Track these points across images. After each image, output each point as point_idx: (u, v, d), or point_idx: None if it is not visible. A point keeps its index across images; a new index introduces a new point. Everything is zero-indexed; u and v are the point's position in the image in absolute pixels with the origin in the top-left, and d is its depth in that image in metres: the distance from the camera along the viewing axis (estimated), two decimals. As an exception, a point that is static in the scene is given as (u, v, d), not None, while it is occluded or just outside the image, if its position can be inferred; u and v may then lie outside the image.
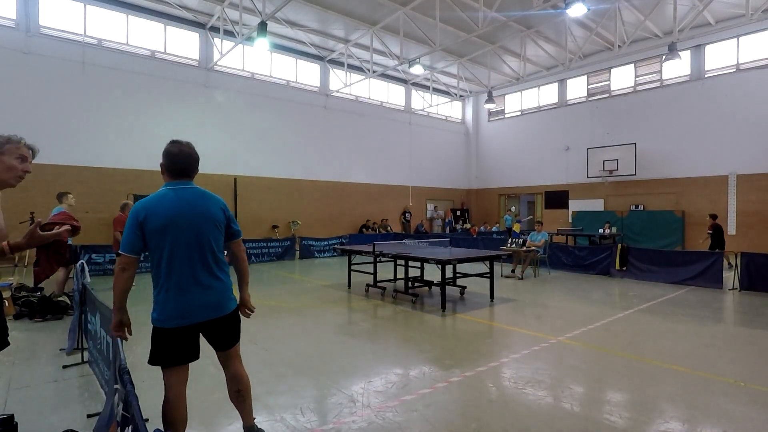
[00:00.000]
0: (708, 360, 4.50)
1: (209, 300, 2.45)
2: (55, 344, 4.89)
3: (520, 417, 3.21)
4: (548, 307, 7.15)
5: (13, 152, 2.13)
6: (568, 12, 10.97)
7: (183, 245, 2.36)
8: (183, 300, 2.37)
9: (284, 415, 3.22)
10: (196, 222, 2.43)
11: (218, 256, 2.51)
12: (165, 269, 2.36)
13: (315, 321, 6.14)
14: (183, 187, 2.52)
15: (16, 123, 11.63)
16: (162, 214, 2.35)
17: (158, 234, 2.33)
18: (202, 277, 2.42)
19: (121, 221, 8.55)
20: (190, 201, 2.46)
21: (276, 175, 16.68)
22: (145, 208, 2.35)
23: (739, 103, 15.04)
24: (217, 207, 2.56)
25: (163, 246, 2.34)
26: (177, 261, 2.35)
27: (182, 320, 2.39)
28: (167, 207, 2.38)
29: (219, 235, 2.53)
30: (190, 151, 2.65)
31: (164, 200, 2.41)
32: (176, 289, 2.36)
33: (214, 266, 2.48)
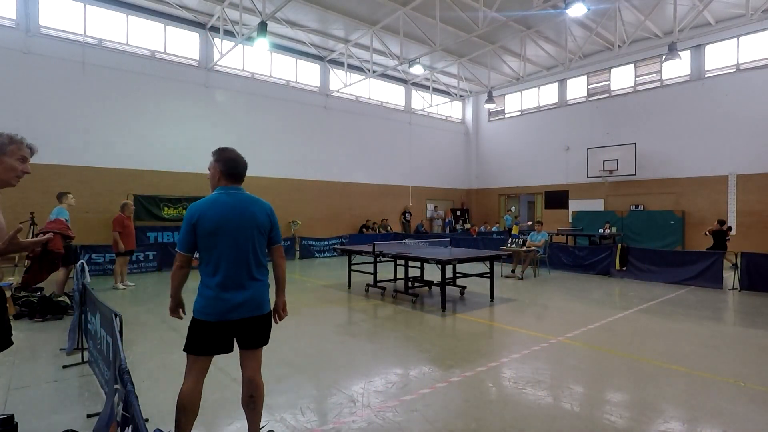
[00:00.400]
0: (708, 360, 4.50)
1: (246, 299, 2.58)
2: (55, 344, 4.89)
3: (520, 417, 3.21)
4: (548, 307, 7.15)
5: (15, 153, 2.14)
6: (568, 12, 10.97)
7: (230, 248, 2.53)
8: (224, 299, 2.52)
9: (284, 415, 3.22)
10: (243, 226, 2.58)
11: (260, 259, 2.68)
12: (212, 268, 2.52)
13: (315, 321, 6.14)
14: (235, 192, 2.68)
15: (16, 123, 11.63)
16: (213, 218, 2.53)
17: (209, 236, 2.51)
18: (243, 279, 2.57)
19: (119, 221, 8.50)
20: (239, 206, 2.61)
21: (276, 175, 16.67)
22: (199, 210, 2.57)
23: (739, 103, 15.04)
24: (263, 212, 2.70)
25: (212, 247, 2.51)
26: (224, 262, 2.52)
27: (220, 317, 2.52)
28: (218, 211, 2.56)
29: (263, 239, 2.69)
30: (241, 158, 2.83)
31: (216, 204, 2.59)
32: (220, 288, 2.51)
33: (255, 268, 2.63)
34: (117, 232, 8.41)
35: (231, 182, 2.70)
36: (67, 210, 7.21)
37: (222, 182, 2.70)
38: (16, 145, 2.14)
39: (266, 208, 2.74)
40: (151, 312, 6.59)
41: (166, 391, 3.66)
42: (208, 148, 12.54)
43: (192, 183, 14.59)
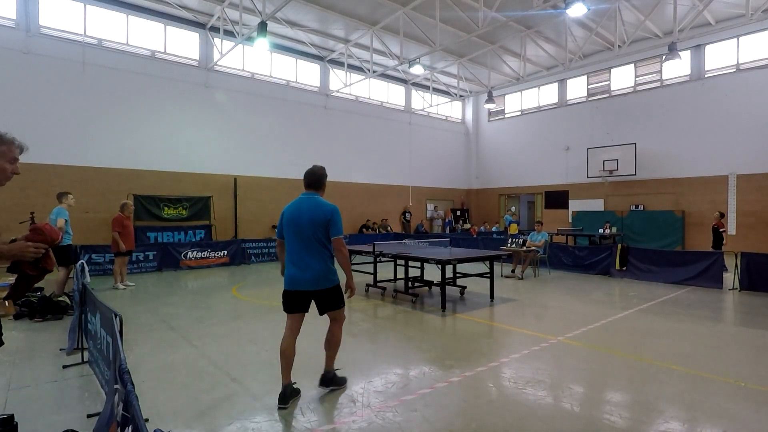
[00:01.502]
0: (708, 360, 4.50)
1: (307, 277, 3.43)
2: (55, 344, 4.89)
3: (520, 417, 3.21)
4: (548, 307, 7.15)
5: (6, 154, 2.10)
6: (568, 12, 10.97)
7: (294, 236, 3.46)
8: (291, 275, 3.48)
9: (284, 414, 3.22)
10: (302, 222, 3.44)
11: (321, 247, 3.45)
12: (288, 252, 3.50)
13: (315, 321, 6.13)
14: (306, 196, 3.58)
15: (16, 123, 11.63)
16: (287, 214, 3.55)
17: (284, 226, 3.55)
18: (304, 261, 3.42)
19: (119, 221, 8.49)
20: (304, 207, 3.50)
21: (276, 175, 16.67)
22: (286, 208, 3.60)
23: (739, 103, 15.04)
24: (322, 213, 3.46)
25: (287, 235, 3.52)
26: (290, 245, 3.50)
27: (290, 286, 3.49)
28: (291, 209, 3.55)
29: (321, 232, 3.44)
30: (316, 170, 3.71)
31: (292, 205, 3.58)
32: (290, 266, 3.50)
33: (316, 253, 3.43)
34: (116, 232, 8.41)
35: (306, 189, 3.64)
36: (67, 210, 7.22)
37: (304, 189, 3.64)
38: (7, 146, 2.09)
39: (325, 209, 3.48)
40: (151, 312, 6.59)
41: (167, 391, 3.66)
42: (208, 148, 12.77)
43: (192, 183, 14.59)
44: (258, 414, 3.24)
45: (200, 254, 11.79)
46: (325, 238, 3.45)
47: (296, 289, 3.45)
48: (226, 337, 5.25)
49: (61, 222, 6.94)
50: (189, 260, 11.54)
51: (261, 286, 9.10)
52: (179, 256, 11.44)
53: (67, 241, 7.15)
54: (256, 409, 3.33)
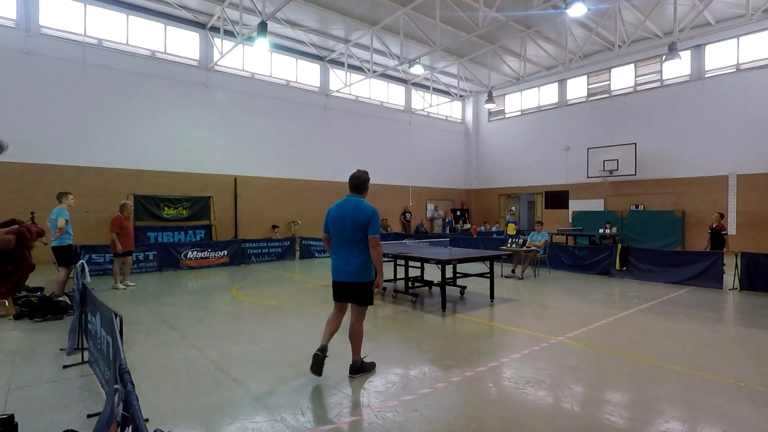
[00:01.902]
0: (708, 360, 4.50)
1: (346, 270, 3.92)
2: (55, 344, 4.89)
3: (520, 417, 3.21)
4: (548, 307, 7.15)
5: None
6: (568, 12, 10.97)
7: (337, 234, 3.96)
8: (335, 266, 4.00)
9: (284, 415, 3.22)
10: (345, 221, 3.91)
11: (360, 244, 3.89)
12: (333, 245, 4.03)
13: (315, 321, 6.14)
14: (348, 198, 4.02)
15: (16, 123, 11.65)
16: (332, 213, 4.03)
17: (330, 224, 4.02)
18: (345, 254, 3.92)
19: (117, 222, 8.39)
20: (346, 208, 3.95)
21: (276, 175, 16.68)
22: (331, 208, 4.07)
23: (739, 103, 15.04)
24: (362, 214, 3.88)
25: (331, 231, 4.01)
26: (334, 241, 4.00)
27: (336, 277, 4.00)
28: (335, 210, 4.02)
29: (359, 231, 3.86)
30: (359, 175, 4.08)
31: (337, 205, 4.04)
32: (333, 257, 4.02)
33: (355, 250, 3.90)
34: (114, 233, 8.30)
35: (350, 192, 4.07)
36: (67, 210, 7.22)
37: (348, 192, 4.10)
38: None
39: (366, 211, 3.90)
40: (152, 312, 6.59)
41: (167, 391, 3.66)
42: (208, 148, 12.75)
43: (192, 183, 14.59)
44: (258, 414, 3.24)
45: (200, 254, 11.79)
46: (364, 236, 3.87)
47: (340, 280, 3.97)
48: (227, 337, 5.25)
49: (62, 222, 6.94)
50: (189, 260, 11.54)
51: (261, 286, 9.10)
52: (179, 256, 11.44)
53: (67, 241, 7.15)
54: (256, 409, 3.33)
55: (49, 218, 7.19)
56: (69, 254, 7.20)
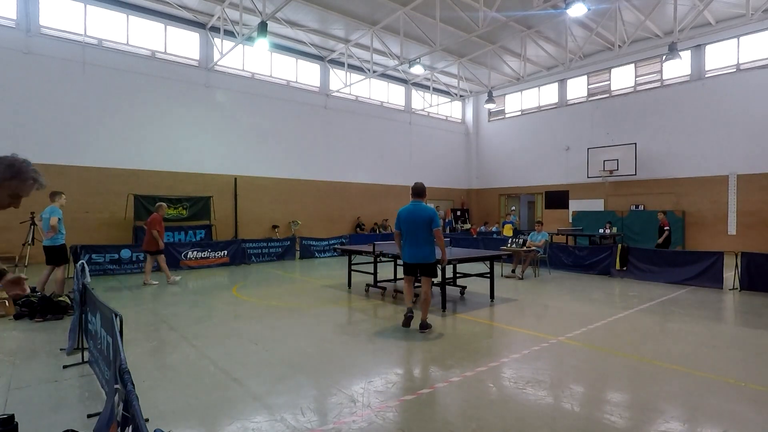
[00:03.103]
0: (708, 360, 4.50)
1: (419, 254, 5.52)
2: (55, 344, 4.89)
3: (520, 417, 3.21)
4: (548, 307, 7.15)
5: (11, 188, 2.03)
6: (569, 12, 10.98)
7: (410, 229, 5.51)
8: (410, 251, 5.56)
9: (284, 415, 3.22)
10: (416, 220, 5.47)
11: (427, 235, 5.48)
12: (404, 238, 5.59)
13: (315, 321, 6.14)
14: (414, 202, 5.58)
15: (16, 123, 11.65)
16: (404, 214, 5.57)
17: (402, 222, 5.57)
18: (417, 244, 5.50)
19: (157, 221, 9.18)
20: (414, 210, 5.51)
21: (276, 175, 16.68)
22: (401, 210, 5.63)
23: (739, 103, 15.04)
24: (425, 214, 5.47)
25: (404, 228, 5.57)
26: (407, 235, 5.55)
27: (410, 259, 5.60)
28: (406, 211, 5.57)
29: (426, 226, 5.45)
30: (420, 186, 5.63)
31: (407, 208, 5.60)
32: (407, 246, 5.58)
33: (422, 240, 5.49)
34: (155, 230, 9.09)
35: (414, 198, 5.61)
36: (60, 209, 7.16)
37: (411, 198, 5.64)
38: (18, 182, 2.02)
39: (429, 212, 5.49)
40: (152, 312, 6.59)
41: (167, 391, 3.66)
42: (209, 148, 12.77)
43: (192, 183, 14.59)
44: (258, 414, 3.24)
45: (200, 254, 11.79)
46: (428, 230, 5.44)
47: (413, 261, 5.56)
48: (227, 337, 5.25)
49: (54, 220, 6.89)
50: (189, 260, 11.53)
51: (261, 286, 9.10)
52: (179, 256, 11.44)
53: (60, 240, 7.10)
54: (256, 409, 3.33)
55: (41, 217, 7.17)
56: (62, 254, 7.17)
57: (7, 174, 2.00)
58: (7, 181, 2.01)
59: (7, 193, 2.04)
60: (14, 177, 2.02)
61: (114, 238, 12.69)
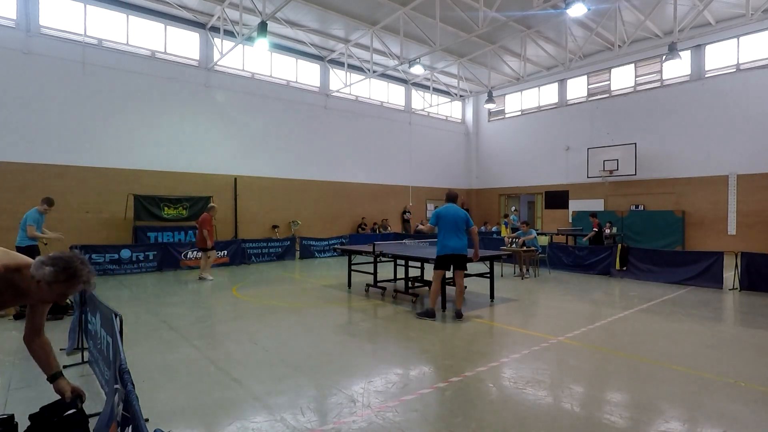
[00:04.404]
0: (708, 360, 4.50)
1: (459, 245, 6.26)
2: (55, 344, 4.86)
3: (520, 417, 3.21)
4: (548, 307, 7.15)
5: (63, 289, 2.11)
6: (568, 12, 10.97)
7: (447, 225, 6.27)
8: (449, 245, 6.24)
9: (284, 415, 3.22)
10: (457, 218, 6.28)
11: (462, 233, 6.32)
12: (442, 234, 6.29)
13: (315, 321, 6.14)
14: (449, 204, 6.45)
15: (16, 123, 11.65)
16: (443, 213, 6.32)
17: (441, 219, 6.30)
18: (454, 238, 6.25)
19: (208, 221, 9.82)
20: (453, 209, 6.35)
21: (276, 175, 16.67)
22: (441, 210, 6.36)
23: (739, 103, 15.04)
24: (463, 214, 6.36)
25: (444, 225, 6.29)
26: (446, 231, 6.27)
27: (447, 252, 6.25)
28: (445, 211, 6.33)
29: (462, 224, 6.32)
30: (455, 192, 6.65)
31: (444, 208, 6.38)
32: (447, 240, 6.25)
33: (461, 235, 6.30)
34: (205, 230, 9.65)
35: (448, 201, 6.52)
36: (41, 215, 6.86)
37: (445, 202, 6.53)
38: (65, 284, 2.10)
39: (463, 213, 6.39)
40: (152, 312, 6.59)
41: (167, 391, 3.66)
42: (208, 148, 12.81)
43: (192, 183, 14.59)
44: (258, 414, 3.24)
45: (200, 254, 11.78)
46: (465, 227, 6.32)
47: (450, 253, 6.23)
48: (226, 337, 5.26)
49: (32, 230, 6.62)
50: (189, 260, 11.54)
51: (261, 286, 9.10)
52: (179, 256, 11.44)
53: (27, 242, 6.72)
54: (256, 409, 3.33)
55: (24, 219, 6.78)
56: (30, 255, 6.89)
57: (61, 277, 2.07)
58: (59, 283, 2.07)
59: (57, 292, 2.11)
60: (67, 280, 2.09)
61: (114, 238, 12.69)
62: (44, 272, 2.04)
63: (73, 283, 2.12)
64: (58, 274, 2.05)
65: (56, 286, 2.08)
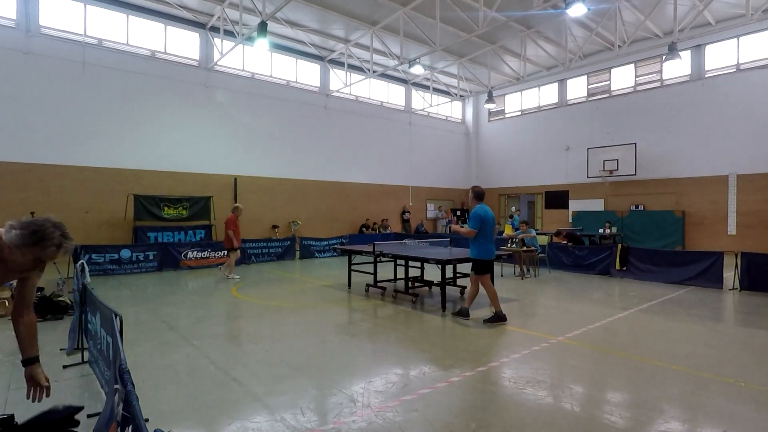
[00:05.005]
0: (708, 360, 4.50)
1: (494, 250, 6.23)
2: (55, 344, 4.89)
3: (520, 417, 3.21)
4: (548, 307, 7.15)
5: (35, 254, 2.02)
6: (568, 12, 10.97)
7: (490, 228, 6.13)
8: (489, 248, 6.13)
9: (284, 415, 3.22)
10: (491, 221, 6.14)
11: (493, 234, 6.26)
12: (486, 237, 6.09)
13: (315, 321, 6.14)
14: (484, 205, 6.23)
15: (16, 123, 11.65)
16: (486, 216, 6.10)
17: (485, 222, 6.07)
18: (493, 240, 6.18)
19: (232, 221, 9.92)
20: (489, 213, 6.18)
21: (276, 175, 16.67)
22: (482, 211, 6.10)
23: (739, 103, 15.03)
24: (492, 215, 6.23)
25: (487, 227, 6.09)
26: (490, 235, 6.13)
27: (490, 256, 6.17)
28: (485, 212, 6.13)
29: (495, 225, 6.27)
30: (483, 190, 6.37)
31: (485, 210, 6.15)
32: (490, 244, 6.14)
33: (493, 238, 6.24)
34: (230, 230, 9.81)
35: (481, 200, 6.27)
36: None
37: (476, 202, 6.25)
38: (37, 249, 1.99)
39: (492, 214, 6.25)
40: (152, 312, 6.59)
41: (167, 391, 3.66)
42: (208, 148, 12.86)
43: (192, 183, 14.59)
44: (258, 414, 3.24)
45: (200, 254, 11.79)
46: None
47: (490, 258, 6.17)
48: (226, 337, 5.26)
49: None
50: (189, 260, 11.54)
51: (261, 286, 9.10)
52: (179, 256, 11.44)
53: None
54: (256, 409, 3.33)
55: None
56: None
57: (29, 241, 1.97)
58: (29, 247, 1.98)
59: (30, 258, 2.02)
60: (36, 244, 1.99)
61: (114, 238, 12.69)
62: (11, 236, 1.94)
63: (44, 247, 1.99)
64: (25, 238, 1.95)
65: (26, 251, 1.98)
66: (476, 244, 6.08)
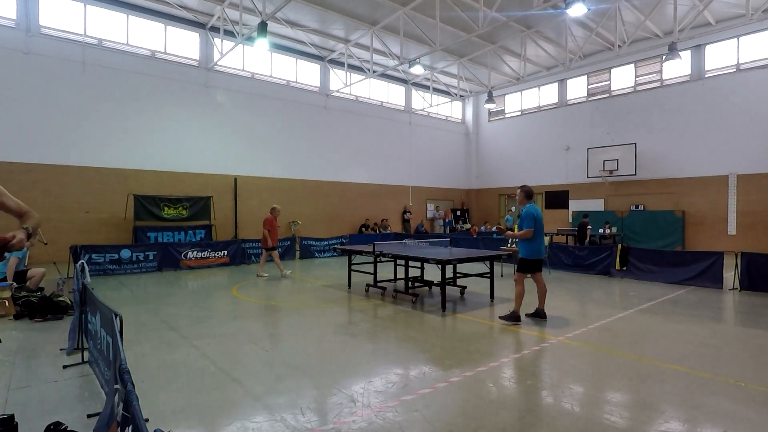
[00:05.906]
0: (708, 360, 4.50)
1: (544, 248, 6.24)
2: (55, 344, 4.89)
3: (520, 417, 3.21)
4: (548, 307, 7.13)
5: None
6: (569, 12, 10.97)
7: (541, 227, 6.08)
8: (540, 248, 6.14)
9: (284, 415, 3.22)
10: (542, 220, 6.09)
11: None
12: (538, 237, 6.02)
13: (315, 321, 6.14)
14: (534, 204, 6.16)
15: (16, 123, 11.65)
16: (537, 213, 6.05)
17: (538, 221, 6.01)
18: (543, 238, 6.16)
19: (270, 221, 10.25)
20: (537, 209, 6.09)
21: (276, 175, 16.67)
22: (533, 211, 6.02)
23: (739, 103, 15.04)
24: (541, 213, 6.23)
25: (539, 227, 6.02)
26: (539, 233, 6.04)
27: (540, 255, 6.19)
28: (537, 211, 6.07)
29: None
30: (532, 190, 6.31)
31: (535, 208, 6.09)
32: (539, 243, 6.09)
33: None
34: (266, 230, 10.14)
35: (530, 200, 6.20)
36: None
37: (526, 201, 6.17)
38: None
39: None
40: (152, 312, 6.59)
41: (167, 391, 3.66)
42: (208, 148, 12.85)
43: (192, 183, 14.59)
44: (258, 414, 3.24)
45: (200, 254, 11.79)
46: None
47: (538, 258, 6.16)
48: (226, 337, 5.25)
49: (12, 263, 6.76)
50: (189, 260, 11.54)
51: (261, 286, 9.10)
52: (179, 256, 11.44)
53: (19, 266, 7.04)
54: (256, 409, 3.33)
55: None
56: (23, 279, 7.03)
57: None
58: None
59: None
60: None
61: (114, 238, 12.69)
62: None
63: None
64: None
65: None
66: (528, 243, 6.02)
